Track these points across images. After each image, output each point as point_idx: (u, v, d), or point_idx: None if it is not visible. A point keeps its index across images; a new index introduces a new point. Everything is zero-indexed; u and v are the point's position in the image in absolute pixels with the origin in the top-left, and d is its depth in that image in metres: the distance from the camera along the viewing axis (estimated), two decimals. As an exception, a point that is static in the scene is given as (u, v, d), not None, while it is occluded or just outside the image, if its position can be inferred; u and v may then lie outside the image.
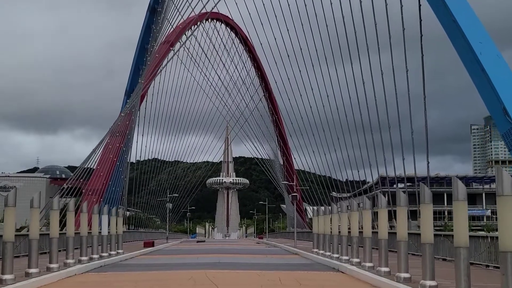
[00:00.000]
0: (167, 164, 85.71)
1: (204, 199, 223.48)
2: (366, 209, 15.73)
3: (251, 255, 26.93)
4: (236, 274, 15.49)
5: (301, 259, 23.51)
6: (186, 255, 26.22)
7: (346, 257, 18.34)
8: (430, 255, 10.45)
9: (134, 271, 16.96)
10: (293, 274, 16.02)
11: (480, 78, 22.45)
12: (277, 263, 21.09)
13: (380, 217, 14.13)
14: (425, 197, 10.52)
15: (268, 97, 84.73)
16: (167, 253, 28.63)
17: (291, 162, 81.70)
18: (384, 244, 13.99)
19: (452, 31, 23.59)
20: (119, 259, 22.09)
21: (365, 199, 15.58)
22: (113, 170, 50.66)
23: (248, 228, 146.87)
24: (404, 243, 12.40)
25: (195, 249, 34.22)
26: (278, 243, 43.68)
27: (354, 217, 17.14)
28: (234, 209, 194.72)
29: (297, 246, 32.68)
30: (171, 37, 60.63)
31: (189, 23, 61.55)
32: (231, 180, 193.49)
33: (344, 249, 18.53)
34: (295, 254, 28.01)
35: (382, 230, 14.11)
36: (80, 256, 18.29)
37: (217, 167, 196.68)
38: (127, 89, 55.52)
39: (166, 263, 20.56)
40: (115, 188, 50.12)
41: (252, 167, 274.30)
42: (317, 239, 24.73)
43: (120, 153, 50.77)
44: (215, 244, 46.63)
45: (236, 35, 78.10)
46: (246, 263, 20.58)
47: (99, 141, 43.63)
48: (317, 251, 23.92)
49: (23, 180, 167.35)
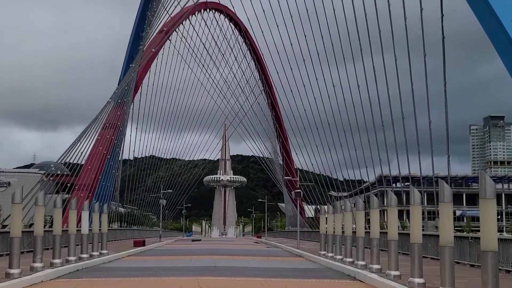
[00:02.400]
0: (164, 162, 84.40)
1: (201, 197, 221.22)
2: (391, 207, 13.08)
3: (250, 257, 24.30)
4: (234, 283, 12.86)
5: (307, 263, 20.86)
6: (178, 257, 23.57)
7: (362, 262, 15.73)
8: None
9: (113, 277, 14.33)
10: (302, 283, 13.42)
11: None
12: (281, 267, 18.44)
13: (412, 214, 11.50)
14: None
15: (268, 91, 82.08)
16: (158, 254, 25.97)
17: (291, 159, 79.10)
18: (417, 250, 11.38)
19: (480, 8, 20.97)
20: (102, 261, 19.44)
21: (391, 193, 12.94)
22: (104, 164, 48.00)
23: (246, 227, 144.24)
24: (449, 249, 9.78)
25: (189, 249, 31.58)
26: (278, 243, 41.06)
27: (375, 216, 14.51)
28: (231, 207, 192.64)
29: (300, 247, 30.05)
30: (168, 25, 57.87)
31: (187, 12, 58.91)
32: (228, 178, 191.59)
33: (361, 253, 15.91)
34: (299, 256, 25.38)
35: (415, 232, 11.47)
36: (52, 259, 15.67)
37: (215, 165, 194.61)
38: (120, 78, 52.52)
39: (153, 267, 17.91)
40: (105, 183, 47.40)
41: (249, 165, 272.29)
42: (325, 240, 22.15)
43: (112, 146, 48.07)
44: (211, 244, 43.97)
45: (236, 27, 75.37)
46: (245, 267, 17.95)
47: (88, 132, 40.64)
48: (325, 253, 21.32)
49: (17, 175, 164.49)
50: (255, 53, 79.02)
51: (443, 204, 9.85)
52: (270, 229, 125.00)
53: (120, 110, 47.72)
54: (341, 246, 19.15)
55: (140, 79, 56.73)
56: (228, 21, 73.53)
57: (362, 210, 16.19)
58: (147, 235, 61.63)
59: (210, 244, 42.13)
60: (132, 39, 53.55)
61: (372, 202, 14.55)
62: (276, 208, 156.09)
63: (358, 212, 16.11)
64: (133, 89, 52.42)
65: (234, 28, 75.71)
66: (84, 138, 39.28)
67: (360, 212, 16.11)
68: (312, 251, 26.90)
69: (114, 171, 48.58)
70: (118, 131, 48.47)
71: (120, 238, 46.00)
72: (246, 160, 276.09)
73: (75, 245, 17.54)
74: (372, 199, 14.64)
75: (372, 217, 14.58)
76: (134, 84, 52.56)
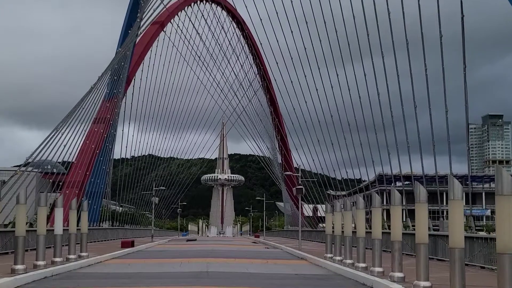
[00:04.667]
0: (161, 161, 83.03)
1: (199, 196, 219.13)
2: (420, 202, 10.68)
3: (248, 259, 21.88)
4: (228, 296, 10.47)
5: (312, 268, 18.44)
6: (168, 260, 21.14)
7: (379, 268, 13.35)
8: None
9: (83, 286, 11.95)
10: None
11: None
12: (283, 273, 16.03)
13: (452, 212, 9.12)
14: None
15: (267, 87, 79.57)
16: (146, 256, 23.52)
17: (290, 156, 76.63)
18: (458, 256, 9.00)
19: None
20: (78, 266, 17.06)
21: (421, 188, 10.55)
22: (94, 160, 45.48)
23: (243, 226, 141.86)
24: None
25: (182, 251, 29.14)
26: (277, 244, 38.66)
27: (396, 214, 12.10)
28: (229, 206, 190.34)
29: (302, 249, 27.65)
30: (162, 17, 55.36)
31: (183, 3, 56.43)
32: (226, 177, 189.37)
33: (377, 258, 13.53)
34: (302, 259, 22.97)
35: (456, 236, 9.08)
36: (14, 264, 13.27)
37: (212, 164, 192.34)
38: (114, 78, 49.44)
39: (135, 273, 15.48)
40: (94, 180, 44.83)
41: (247, 164, 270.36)
42: (331, 241, 19.78)
43: (103, 141, 45.51)
44: (206, 244, 41.55)
45: (233, 19, 72.78)
46: (242, 273, 15.56)
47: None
48: (332, 256, 18.95)
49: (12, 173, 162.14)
50: (253, 47, 76.52)
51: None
52: (268, 228, 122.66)
53: (111, 102, 45.14)
54: (351, 248, 16.79)
55: (133, 72, 54.13)
56: (225, 13, 70.94)
57: (379, 207, 13.81)
58: (141, 234, 59.28)
59: (205, 245, 39.71)
60: (124, 29, 50.99)
61: (393, 197, 12.17)
62: (274, 207, 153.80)
63: (374, 209, 13.72)
64: (125, 81, 49.85)
65: (232, 21, 73.10)
66: (66, 130, 36.46)
67: (377, 209, 13.73)
68: (315, 252, 24.53)
69: (104, 167, 45.98)
70: (109, 125, 45.89)
71: (111, 238, 43.63)
72: (244, 159, 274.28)
73: (44, 247, 15.12)
74: (394, 194, 12.25)
75: (393, 215, 12.20)
76: (126, 76, 49.92)
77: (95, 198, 46.91)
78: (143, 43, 55.18)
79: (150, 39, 55.99)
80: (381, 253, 13.67)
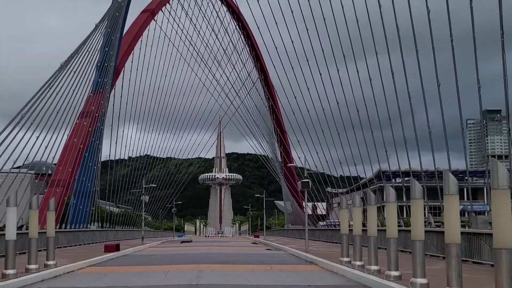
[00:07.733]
0: (158, 161, 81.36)
1: (196, 195, 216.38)
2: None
3: (248, 265, 18.58)
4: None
5: (326, 275, 15.11)
6: (153, 267, 17.83)
7: (423, 280, 10.11)
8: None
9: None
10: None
11: None
12: (293, 285, 12.73)
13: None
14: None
15: (265, 81, 76.37)
16: (129, 263, 20.18)
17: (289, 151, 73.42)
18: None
19: None
20: (40, 278, 13.82)
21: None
22: (81, 157, 42.16)
23: (242, 225, 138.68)
24: None
25: (173, 255, 25.82)
26: (280, 244, 35.40)
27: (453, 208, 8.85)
28: (227, 206, 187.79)
29: (309, 251, 24.37)
30: (153, 4, 52.03)
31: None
32: (223, 176, 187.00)
33: (419, 266, 10.27)
34: (311, 263, 19.67)
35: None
36: None
37: (210, 163, 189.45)
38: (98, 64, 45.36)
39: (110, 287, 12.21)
40: (79, 178, 41.48)
41: (245, 163, 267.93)
42: (347, 242, 16.59)
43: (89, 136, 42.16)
44: (202, 246, 38.26)
45: (229, 9, 69.38)
46: (240, 285, 12.29)
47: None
48: (349, 261, 15.72)
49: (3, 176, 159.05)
50: (249, 38, 73.30)
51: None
52: (268, 227, 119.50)
53: (97, 94, 41.63)
54: (376, 251, 13.54)
55: (122, 63, 50.60)
56: (219, 2, 67.52)
57: (420, 199, 10.53)
58: (134, 236, 56.08)
59: (200, 247, 36.40)
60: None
61: (447, 186, 8.91)
62: (273, 206, 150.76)
63: (414, 201, 10.43)
64: (113, 72, 46.34)
65: (227, 11, 69.73)
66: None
67: (418, 201, 10.44)
68: (325, 255, 21.29)
69: (90, 164, 42.59)
70: (96, 119, 42.50)
71: (99, 241, 40.39)
72: (242, 158, 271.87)
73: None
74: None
75: (447, 209, 8.94)
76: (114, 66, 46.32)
77: (82, 197, 43.67)
78: (132, 32, 51.76)
79: (140, 28, 52.60)
80: (424, 259, 10.41)
